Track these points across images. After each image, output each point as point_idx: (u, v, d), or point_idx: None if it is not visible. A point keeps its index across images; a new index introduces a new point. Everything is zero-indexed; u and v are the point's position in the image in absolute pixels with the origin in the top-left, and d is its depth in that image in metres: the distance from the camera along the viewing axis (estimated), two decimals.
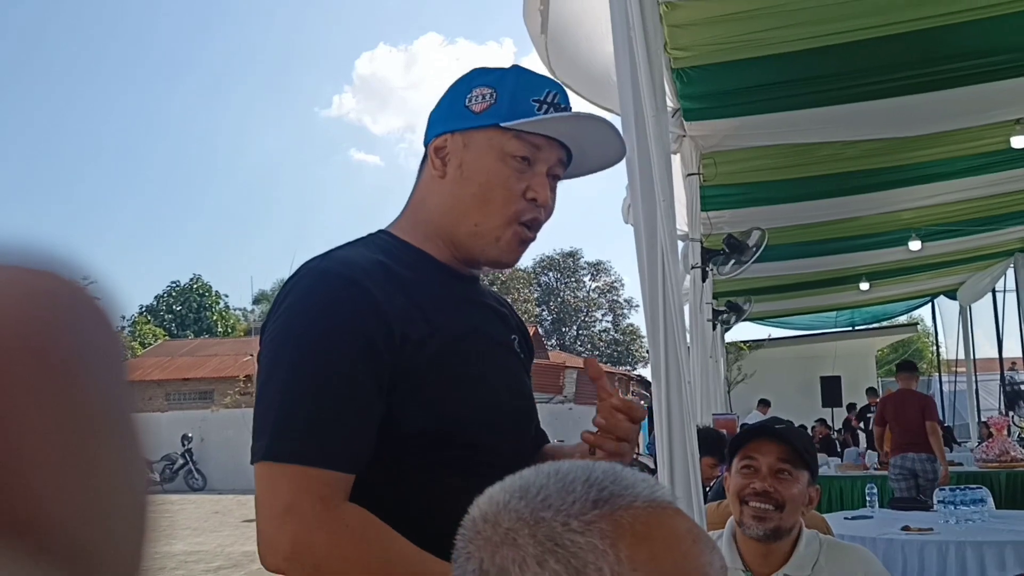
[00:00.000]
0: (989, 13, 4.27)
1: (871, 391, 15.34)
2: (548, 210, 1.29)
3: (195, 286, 46.08)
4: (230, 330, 43.89)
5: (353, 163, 75.12)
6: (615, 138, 1.32)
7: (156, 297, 46.04)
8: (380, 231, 1.35)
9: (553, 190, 1.30)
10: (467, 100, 1.27)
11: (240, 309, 47.44)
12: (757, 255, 6.49)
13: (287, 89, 74.67)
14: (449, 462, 1.19)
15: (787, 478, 1.90)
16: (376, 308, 1.17)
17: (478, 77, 1.29)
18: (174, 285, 46.42)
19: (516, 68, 1.31)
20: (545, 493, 0.65)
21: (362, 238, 1.33)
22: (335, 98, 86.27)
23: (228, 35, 71.70)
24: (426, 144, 1.33)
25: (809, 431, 11.96)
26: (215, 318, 45.58)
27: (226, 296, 47.43)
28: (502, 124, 1.23)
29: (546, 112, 1.25)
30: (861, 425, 14.59)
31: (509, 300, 1.57)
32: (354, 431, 1.14)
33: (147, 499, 0.31)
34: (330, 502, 1.10)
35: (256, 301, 44.66)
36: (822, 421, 14.36)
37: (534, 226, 1.29)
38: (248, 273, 75.43)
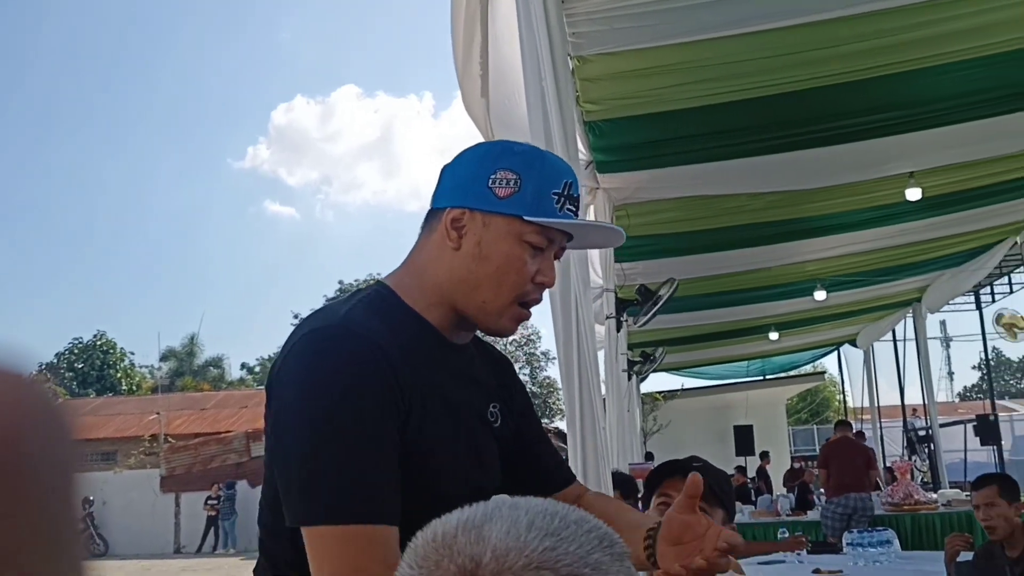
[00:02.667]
0: (883, 72, 4.50)
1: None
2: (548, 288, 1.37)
3: (99, 343, 44.53)
4: (135, 388, 42.43)
5: (268, 215, 74.13)
6: (617, 235, 1.42)
7: (57, 355, 44.29)
8: (382, 285, 1.36)
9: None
10: (491, 181, 1.30)
11: (146, 366, 45.95)
12: (666, 300, 6.63)
13: (199, 139, 73.63)
14: (408, 534, 1.18)
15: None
16: (392, 369, 1.21)
17: (503, 158, 1.31)
18: (76, 342, 44.82)
19: (539, 155, 1.35)
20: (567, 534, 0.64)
21: (367, 294, 1.34)
22: (249, 149, 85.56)
23: (137, 83, 70.58)
24: (436, 206, 1.35)
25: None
26: (119, 376, 44.06)
27: (132, 353, 45.91)
28: (526, 218, 1.30)
29: (562, 205, 1.31)
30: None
31: None
32: (395, 485, 1.19)
33: None
34: (395, 567, 1.12)
35: (164, 358, 43.25)
36: (741, 469, 14.59)
37: (533, 304, 1.36)
38: (155, 329, 73.29)
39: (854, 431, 12.89)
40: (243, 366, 48.52)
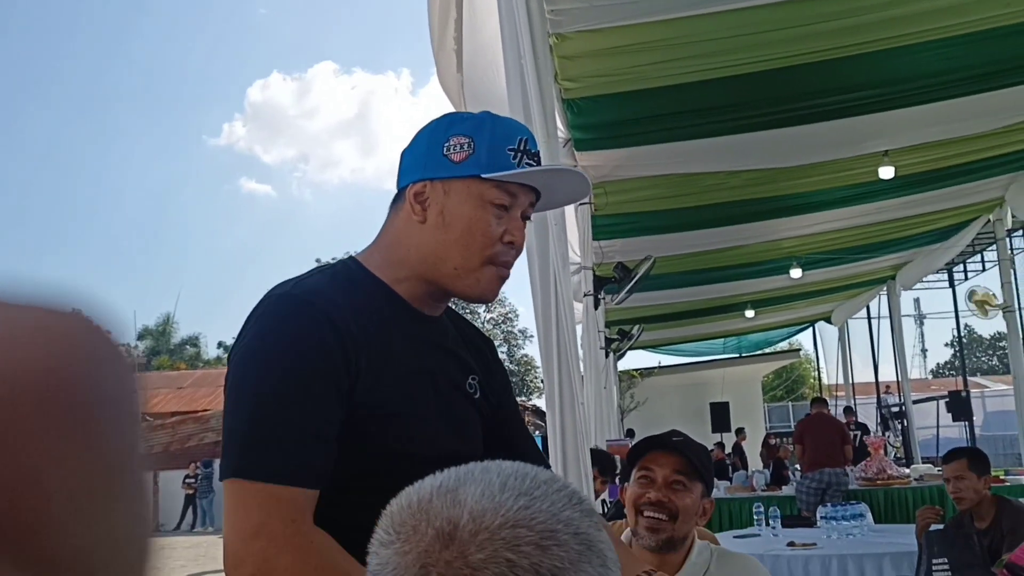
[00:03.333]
0: (861, 50, 4.52)
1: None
2: (520, 249, 1.37)
3: None
4: None
5: (244, 193, 73.47)
6: (581, 181, 1.43)
7: None
8: (351, 259, 1.38)
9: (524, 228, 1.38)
10: (445, 149, 1.32)
11: (122, 346, 45.58)
12: (643, 277, 6.66)
13: (174, 115, 72.74)
14: (384, 495, 1.19)
15: (681, 489, 1.95)
16: (336, 332, 1.22)
17: (454, 126, 1.34)
18: None
19: (489, 117, 1.36)
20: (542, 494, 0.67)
21: (332, 266, 1.37)
22: (225, 126, 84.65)
23: (112, 58, 69.61)
24: (401, 187, 1.37)
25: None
26: None
27: (107, 333, 45.53)
28: (483, 176, 1.30)
29: (519, 159, 1.32)
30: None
31: None
32: (318, 448, 1.18)
33: (151, 536, 0.34)
34: (299, 524, 1.14)
35: (139, 337, 42.97)
36: (720, 445, 14.74)
37: (507, 266, 1.37)
38: (131, 308, 72.70)
39: (843, 409, 13.10)
40: (220, 345, 48.22)
